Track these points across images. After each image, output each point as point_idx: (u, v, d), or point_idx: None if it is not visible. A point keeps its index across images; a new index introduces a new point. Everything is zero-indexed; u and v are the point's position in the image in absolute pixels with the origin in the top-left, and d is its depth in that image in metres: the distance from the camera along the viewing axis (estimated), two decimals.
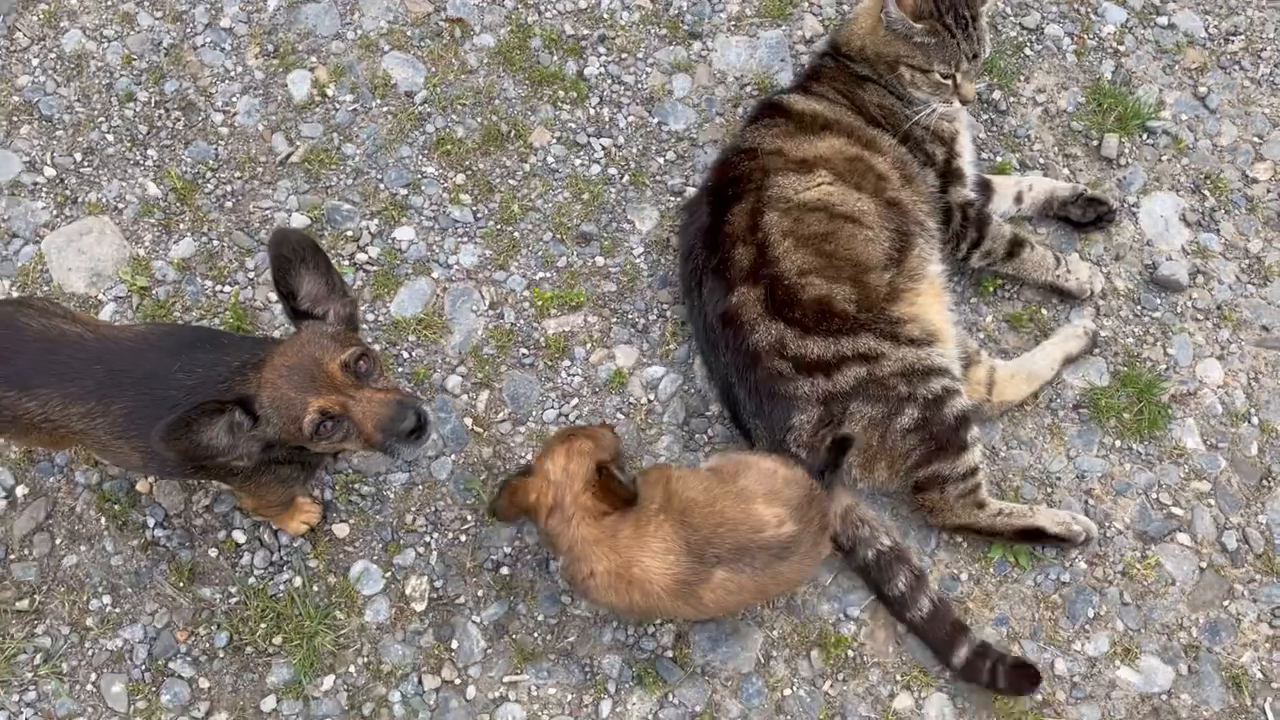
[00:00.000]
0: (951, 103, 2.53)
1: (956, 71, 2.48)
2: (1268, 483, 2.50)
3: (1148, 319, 2.64)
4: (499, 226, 2.67)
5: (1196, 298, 2.66)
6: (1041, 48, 2.91)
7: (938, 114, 2.53)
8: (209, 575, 2.34)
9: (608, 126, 2.78)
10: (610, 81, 2.82)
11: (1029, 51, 2.90)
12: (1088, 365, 2.58)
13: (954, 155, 2.58)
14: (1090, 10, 2.95)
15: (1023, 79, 2.87)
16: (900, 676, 2.31)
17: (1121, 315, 2.65)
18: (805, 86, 2.61)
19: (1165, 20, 2.94)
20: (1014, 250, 2.57)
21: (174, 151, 2.70)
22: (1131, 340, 2.62)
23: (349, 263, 2.60)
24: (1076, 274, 2.61)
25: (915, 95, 2.53)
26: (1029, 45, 2.91)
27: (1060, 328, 2.60)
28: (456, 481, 2.43)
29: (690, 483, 2.10)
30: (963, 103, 2.54)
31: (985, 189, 2.65)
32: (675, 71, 2.84)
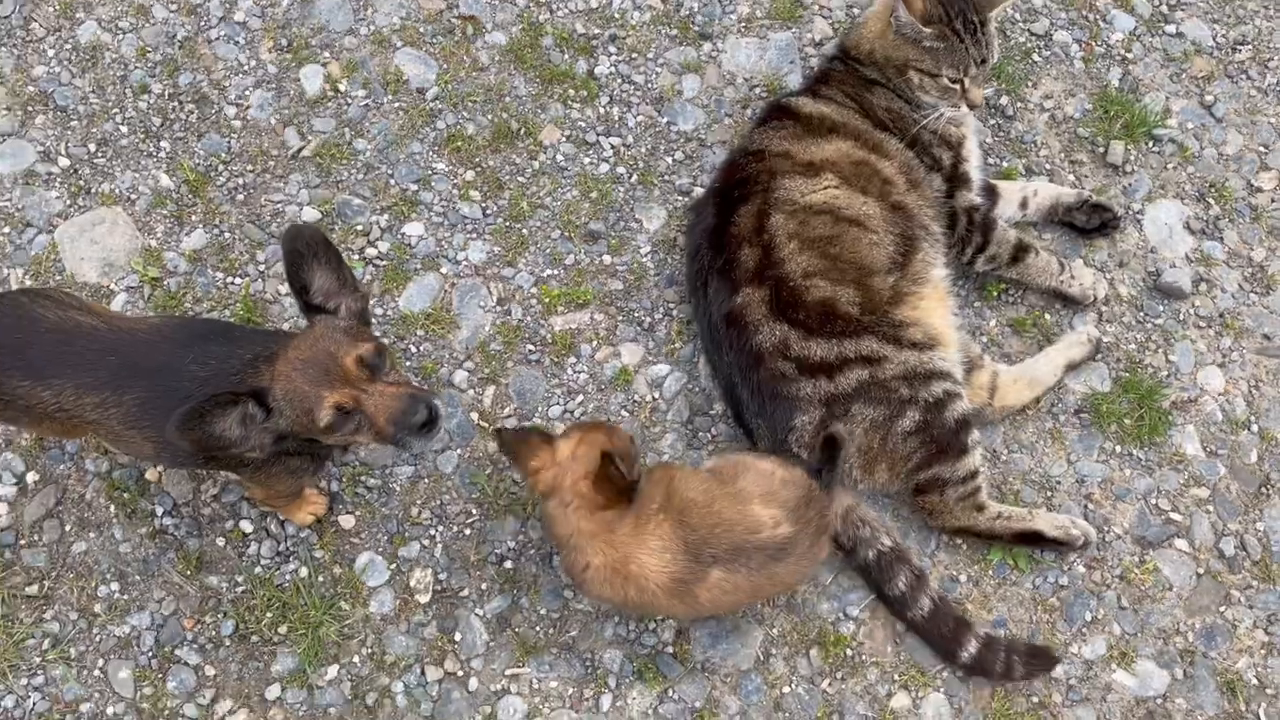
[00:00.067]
0: (959, 107, 2.54)
1: (965, 76, 2.49)
2: (1266, 490, 2.52)
3: (1150, 325, 2.66)
4: (508, 223, 2.69)
5: (1199, 305, 2.68)
6: (1049, 54, 2.92)
7: (945, 118, 2.55)
8: (216, 564, 2.37)
9: (617, 125, 2.79)
10: (620, 81, 2.84)
11: (1037, 57, 2.91)
12: (1089, 370, 2.59)
13: (961, 160, 2.59)
14: (1099, 17, 2.96)
15: (1030, 85, 2.88)
16: (898, 676, 2.33)
17: (1124, 321, 2.66)
18: (814, 89, 2.62)
19: (1173, 29, 2.95)
20: (1019, 255, 2.58)
21: (187, 144, 2.72)
22: (1134, 346, 2.64)
23: (359, 257, 2.62)
24: (1080, 280, 2.62)
25: (923, 99, 2.54)
26: (1037, 51, 2.92)
27: (1064, 335, 2.61)
28: (462, 475, 2.45)
29: (691, 483, 2.11)
30: (970, 108, 2.55)
31: (991, 194, 2.66)
32: (685, 72, 2.86)
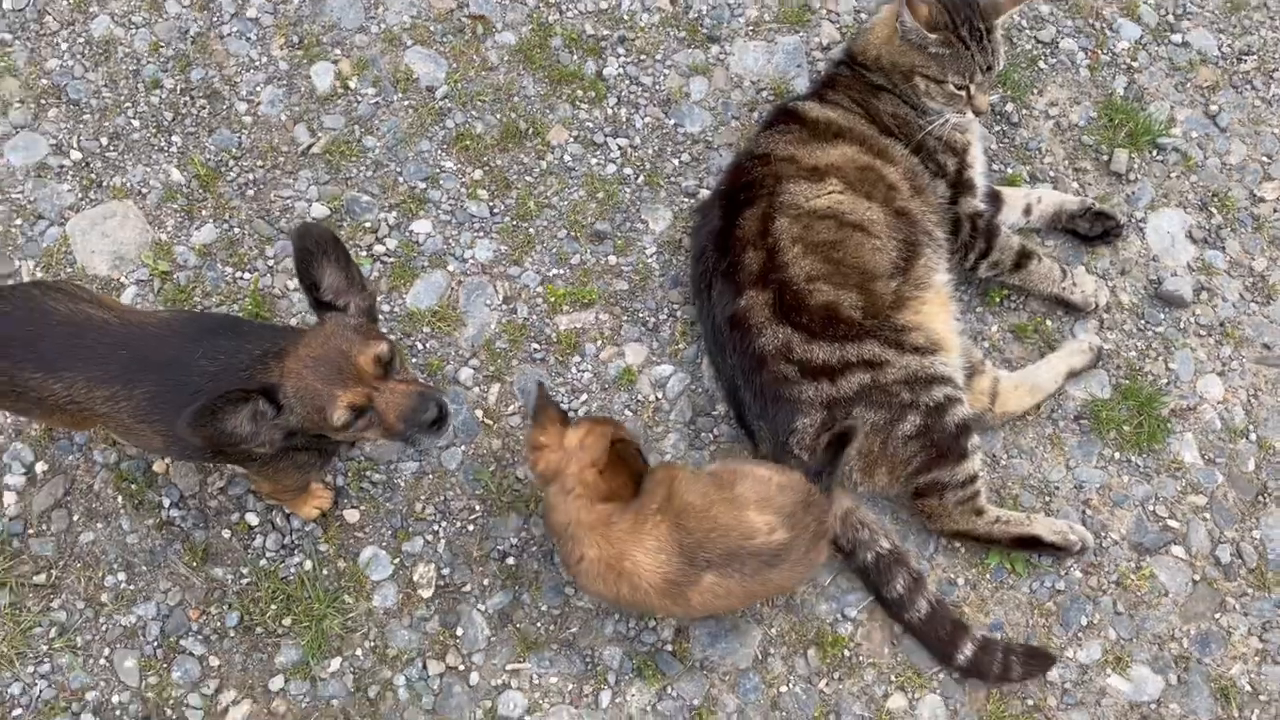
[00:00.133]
0: (965, 114, 2.55)
1: (970, 83, 2.51)
2: (1263, 498, 2.54)
3: (1151, 333, 2.68)
4: (515, 222, 2.70)
5: (1200, 314, 2.69)
6: (1055, 61, 2.94)
7: (951, 125, 2.56)
8: (222, 556, 2.39)
9: (624, 127, 2.81)
10: (628, 82, 2.85)
11: (1043, 65, 2.93)
12: (1090, 377, 2.61)
13: (965, 166, 2.61)
14: (1105, 26, 2.97)
15: (1036, 92, 2.90)
16: (895, 677, 2.35)
17: (1125, 329, 2.68)
18: (820, 94, 2.63)
19: (1179, 38, 2.97)
20: (1021, 262, 2.60)
21: (198, 139, 2.74)
22: (1134, 354, 2.66)
23: (367, 254, 2.64)
24: (1082, 287, 2.64)
25: (929, 105, 2.56)
26: (1043, 59, 2.94)
27: (1066, 342, 2.63)
28: (466, 472, 2.47)
29: (691, 486, 2.12)
30: (976, 114, 2.56)
31: (995, 200, 2.68)
32: (693, 74, 2.87)
